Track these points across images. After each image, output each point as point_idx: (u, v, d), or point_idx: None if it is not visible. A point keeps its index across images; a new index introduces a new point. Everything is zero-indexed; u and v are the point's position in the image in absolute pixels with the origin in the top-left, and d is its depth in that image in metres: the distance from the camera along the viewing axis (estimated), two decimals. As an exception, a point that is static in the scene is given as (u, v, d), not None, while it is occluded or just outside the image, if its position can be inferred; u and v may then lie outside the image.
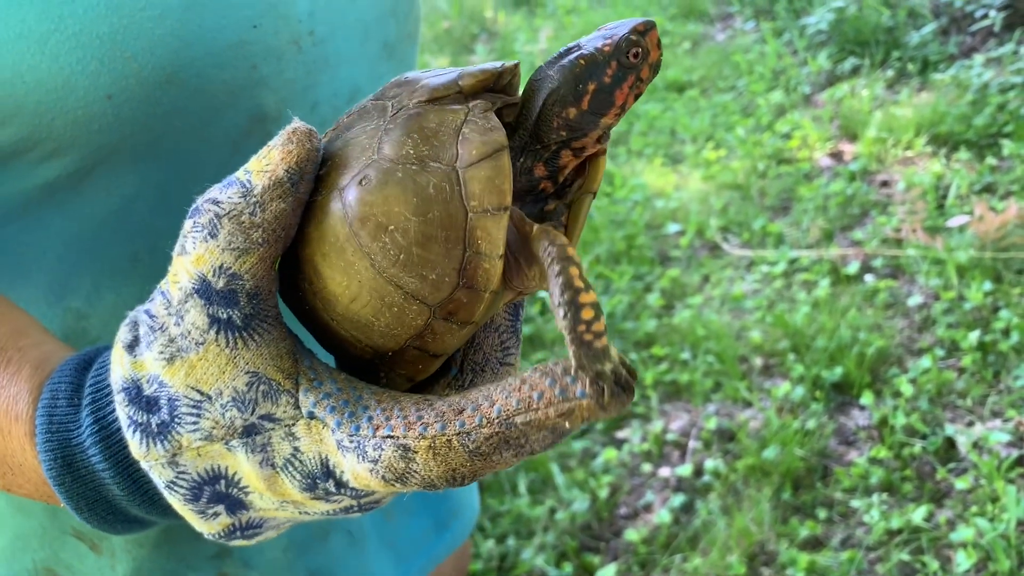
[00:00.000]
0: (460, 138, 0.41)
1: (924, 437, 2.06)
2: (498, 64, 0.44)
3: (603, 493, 2.12)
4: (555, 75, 0.43)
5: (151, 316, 0.42)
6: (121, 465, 0.44)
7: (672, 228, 3.04)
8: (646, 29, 0.42)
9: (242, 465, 0.42)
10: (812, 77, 3.71)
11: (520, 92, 0.46)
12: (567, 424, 0.38)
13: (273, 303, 0.42)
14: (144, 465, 0.43)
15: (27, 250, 0.60)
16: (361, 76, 0.70)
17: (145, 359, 0.42)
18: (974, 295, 2.34)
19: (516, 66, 0.45)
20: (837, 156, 3.21)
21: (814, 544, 1.91)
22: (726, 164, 3.31)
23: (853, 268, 2.60)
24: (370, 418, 0.40)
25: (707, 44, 4.46)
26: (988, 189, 2.77)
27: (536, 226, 0.42)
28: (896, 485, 1.97)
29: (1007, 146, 2.87)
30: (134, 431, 0.42)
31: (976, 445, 1.99)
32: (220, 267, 0.40)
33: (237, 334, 0.41)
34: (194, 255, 0.41)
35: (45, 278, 0.61)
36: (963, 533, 1.80)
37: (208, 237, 0.40)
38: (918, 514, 1.87)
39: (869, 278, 2.57)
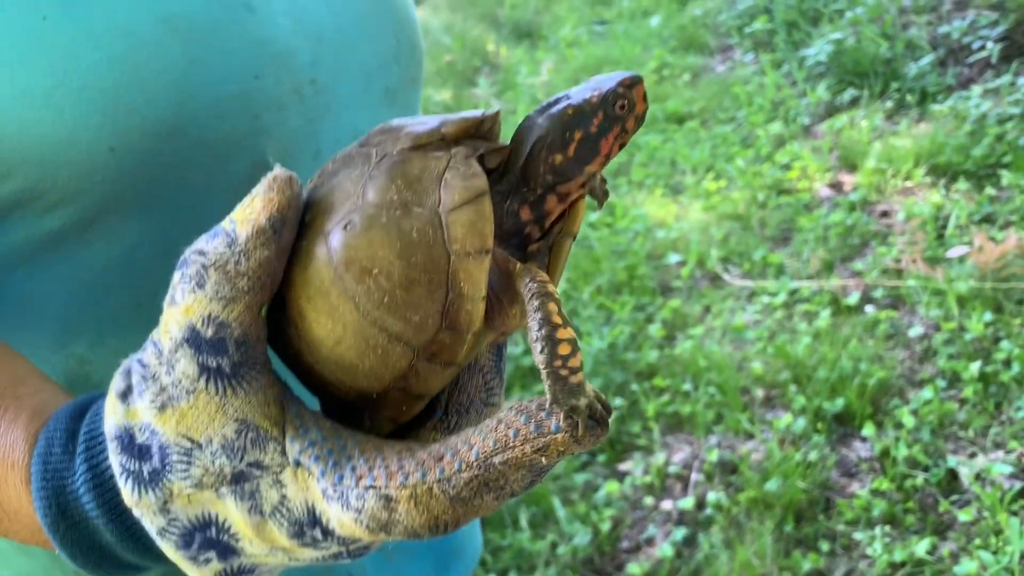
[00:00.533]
0: (443, 184, 0.42)
1: (926, 469, 2.05)
2: (479, 112, 0.45)
3: (605, 526, 2.11)
4: (543, 122, 0.44)
5: (143, 365, 0.43)
6: (114, 512, 0.45)
7: (673, 258, 3.05)
8: (633, 83, 0.44)
9: (232, 512, 0.43)
10: (811, 108, 3.74)
11: (502, 138, 0.47)
12: (543, 460, 0.39)
13: (261, 350, 0.43)
14: (136, 512, 0.44)
15: (31, 297, 0.61)
16: (363, 122, 0.71)
17: (138, 407, 0.43)
18: (975, 326, 2.34)
19: (497, 113, 0.46)
20: (837, 187, 3.23)
21: (817, 578, 1.90)
22: (726, 195, 3.33)
23: (854, 299, 2.61)
24: (353, 468, 0.41)
25: (707, 76, 4.50)
26: (987, 219, 2.78)
27: (519, 264, 0.43)
28: (899, 517, 1.96)
29: (1006, 176, 2.89)
30: (126, 479, 0.43)
31: (979, 477, 1.99)
32: (209, 316, 0.41)
33: (226, 382, 0.42)
34: (183, 305, 0.42)
35: (49, 324, 0.61)
36: (967, 566, 1.79)
37: (196, 288, 0.41)
38: (921, 547, 1.86)
39: (870, 309, 2.57)
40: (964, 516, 1.90)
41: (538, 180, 0.44)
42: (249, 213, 0.42)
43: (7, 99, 0.53)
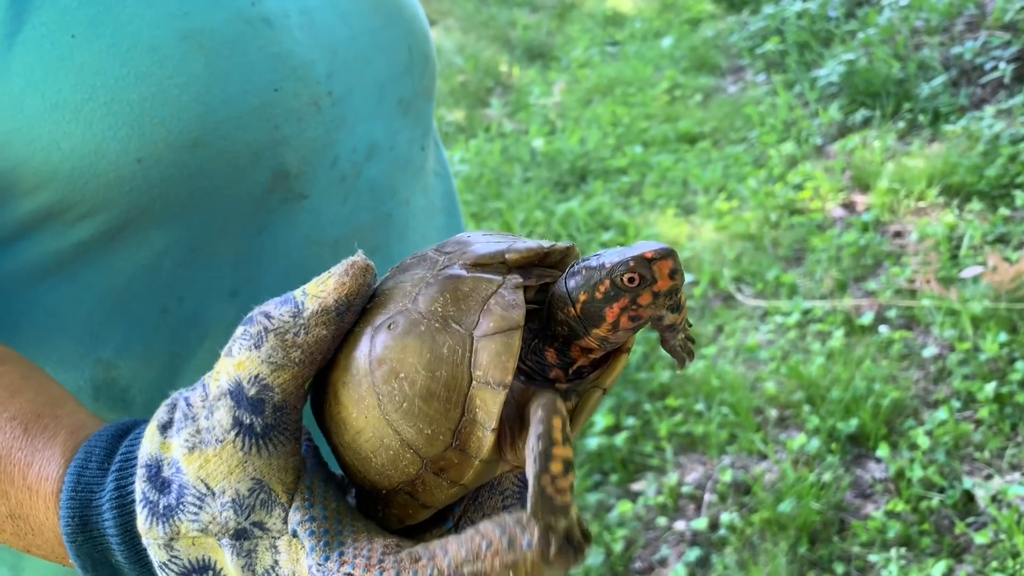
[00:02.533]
0: (485, 308, 0.43)
1: (942, 490, 2.04)
2: (546, 243, 0.46)
3: (618, 547, 2.10)
4: (568, 275, 0.44)
5: (188, 404, 0.45)
6: (128, 535, 0.46)
7: (686, 278, 3.05)
8: (655, 257, 0.42)
9: (227, 564, 0.44)
10: (823, 128, 3.74)
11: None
12: None
13: (295, 418, 0.45)
14: (144, 541, 0.45)
15: (60, 304, 0.62)
16: (378, 132, 0.73)
17: (172, 442, 0.45)
18: (989, 346, 2.33)
19: (568, 247, 0.47)
20: (849, 207, 3.23)
21: (832, 599, 1.88)
22: (738, 215, 3.33)
23: (867, 319, 2.60)
24: (341, 552, 0.42)
25: (719, 96, 4.51)
26: (1001, 239, 2.77)
27: (536, 390, 0.43)
28: (914, 539, 1.94)
29: (1020, 196, 2.88)
30: (143, 507, 0.45)
31: (995, 499, 1.97)
32: (256, 376, 0.43)
33: (254, 440, 0.43)
34: (237, 359, 0.44)
35: (76, 330, 0.63)
36: (984, 589, 1.77)
37: (253, 347, 0.43)
38: (937, 569, 1.84)
39: (883, 329, 2.57)
40: (980, 538, 1.89)
41: (556, 328, 0.45)
42: (320, 290, 0.44)
43: (38, 113, 0.55)
